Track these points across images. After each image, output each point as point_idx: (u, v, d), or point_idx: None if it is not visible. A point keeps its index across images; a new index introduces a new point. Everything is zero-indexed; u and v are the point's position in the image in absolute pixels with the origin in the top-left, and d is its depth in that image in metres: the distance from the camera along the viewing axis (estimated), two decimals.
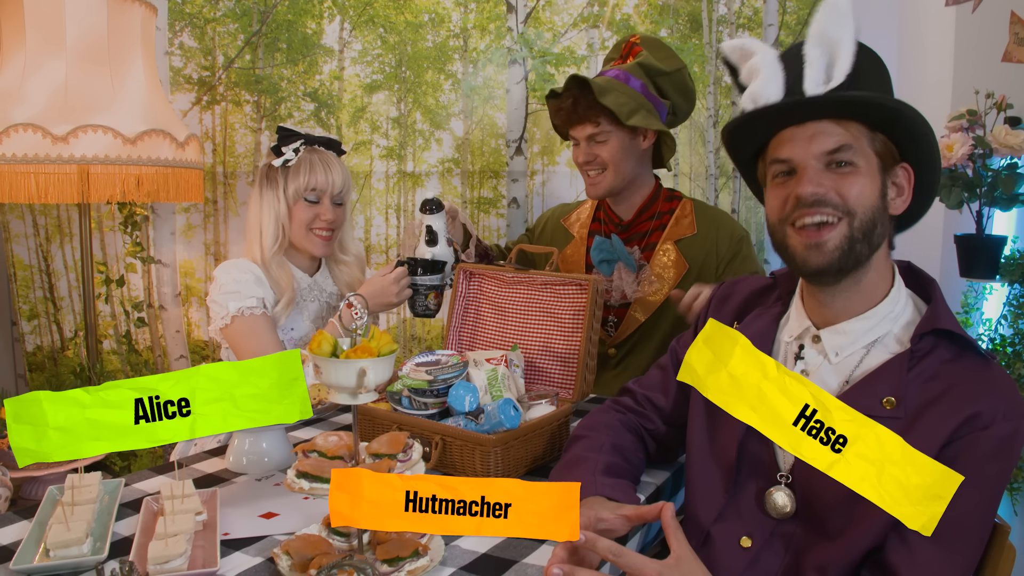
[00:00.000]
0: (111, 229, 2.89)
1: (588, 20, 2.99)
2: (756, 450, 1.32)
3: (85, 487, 1.33)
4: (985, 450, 1.12)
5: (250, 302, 1.96)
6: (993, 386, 1.16)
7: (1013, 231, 2.20)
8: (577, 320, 1.87)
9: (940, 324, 1.20)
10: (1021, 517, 2.16)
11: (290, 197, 2.05)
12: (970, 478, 1.09)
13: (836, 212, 1.21)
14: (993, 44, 2.28)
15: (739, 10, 2.97)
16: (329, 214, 2.07)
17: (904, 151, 1.24)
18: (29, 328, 2.90)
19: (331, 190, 2.07)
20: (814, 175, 1.22)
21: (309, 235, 2.08)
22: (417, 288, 2.05)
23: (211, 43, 2.90)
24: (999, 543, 1.23)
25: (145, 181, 2.44)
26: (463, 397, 1.63)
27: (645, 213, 2.27)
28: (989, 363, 1.19)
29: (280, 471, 1.58)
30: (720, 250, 2.22)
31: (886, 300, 1.26)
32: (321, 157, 2.07)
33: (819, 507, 1.22)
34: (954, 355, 1.20)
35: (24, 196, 2.31)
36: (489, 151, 3.03)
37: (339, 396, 1.11)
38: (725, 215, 2.34)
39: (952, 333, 1.20)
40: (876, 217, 1.22)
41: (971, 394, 1.14)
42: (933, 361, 1.20)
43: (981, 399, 1.13)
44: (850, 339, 1.27)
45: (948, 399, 1.15)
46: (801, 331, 1.34)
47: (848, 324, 1.27)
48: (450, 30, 2.99)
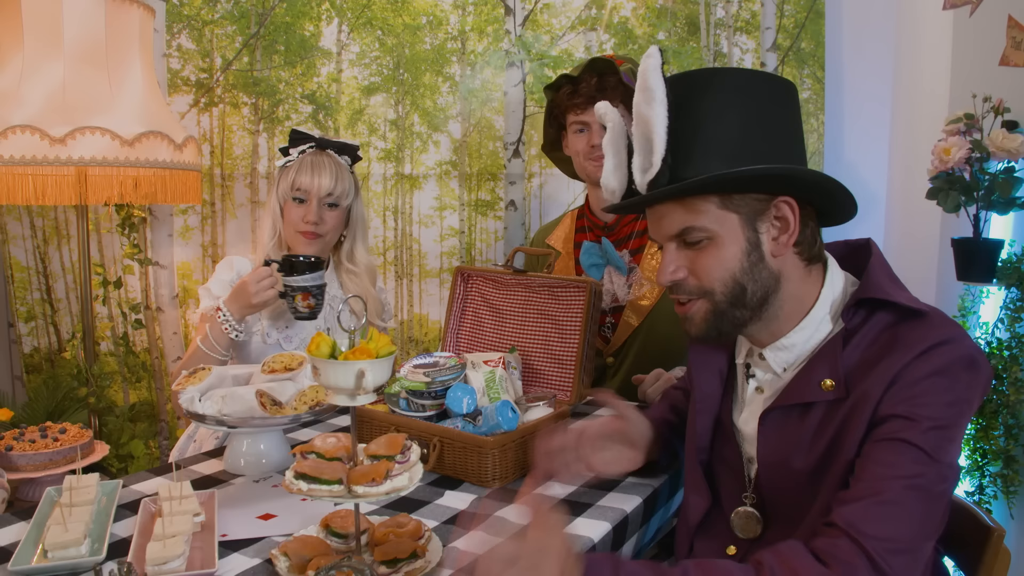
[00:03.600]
0: (108, 231, 2.89)
1: (586, 23, 3.00)
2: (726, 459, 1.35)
3: (83, 488, 1.33)
4: (918, 375, 1.09)
5: (216, 303, 2.02)
6: (928, 330, 1.12)
7: (1010, 235, 2.21)
8: (575, 322, 1.87)
9: (865, 293, 1.19)
10: (1018, 521, 2.16)
11: (281, 196, 2.11)
12: (903, 399, 1.08)
13: (692, 294, 1.22)
14: (990, 48, 2.28)
15: (736, 13, 2.98)
16: (313, 215, 2.07)
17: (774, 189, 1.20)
18: (26, 330, 2.89)
19: (317, 191, 2.07)
20: (672, 257, 1.22)
21: (296, 234, 2.11)
22: (285, 290, 1.96)
23: (209, 45, 2.90)
24: (994, 547, 1.23)
25: (143, 183, 2.44)
26: (461, 399, 1.63)
27: (628, 215, 2.27)
28: (924, 315, 1.15)
29: (278, 472, 1.58)
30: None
31: (818, 303, 1.24)
32: (316, 159, 2.08)
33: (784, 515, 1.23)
34: (887, 318, 1.17)
35: (22, 198, 2.31)
36: (487, 154, 3.03)
37: (337, 398, 1.11)
38: None
39: (883, 301, 1.17)
40: (742, 281, 1.19)
41: (905, 345, 1.12)
42: (868, 331, 1.18)
43: (915, 344, 1.11)
44: (794, 352, 1.25)
45: (884, 357, 1.12)
46: (747, 351, 1.34)
47: (786, 339, 1.25)
48: (448, 32, 2.99)
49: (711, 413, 1.37)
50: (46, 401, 2.63)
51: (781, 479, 1.22)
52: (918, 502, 1.06)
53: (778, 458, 1.22)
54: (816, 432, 1.18)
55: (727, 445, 1.35)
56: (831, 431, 1.16)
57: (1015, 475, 2.12)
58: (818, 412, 1.18)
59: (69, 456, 1.92)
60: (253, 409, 1.52)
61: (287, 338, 2.11)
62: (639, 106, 1.19)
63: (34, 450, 1.86)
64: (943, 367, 1.10)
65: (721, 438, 1.37)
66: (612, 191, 1.29)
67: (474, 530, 1.29)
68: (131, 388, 2.93)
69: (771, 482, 1.24)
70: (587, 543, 1.28)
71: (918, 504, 1.06)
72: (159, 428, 2.94)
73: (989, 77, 2.28)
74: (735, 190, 1.17)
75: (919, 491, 1.06)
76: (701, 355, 1.40)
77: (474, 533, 1.29)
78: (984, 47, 2.33)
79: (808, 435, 1.19)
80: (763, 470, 1.25)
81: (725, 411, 1.36)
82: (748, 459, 1.32)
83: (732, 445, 1.34)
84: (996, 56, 2.26)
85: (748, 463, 1.32)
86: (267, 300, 1.94)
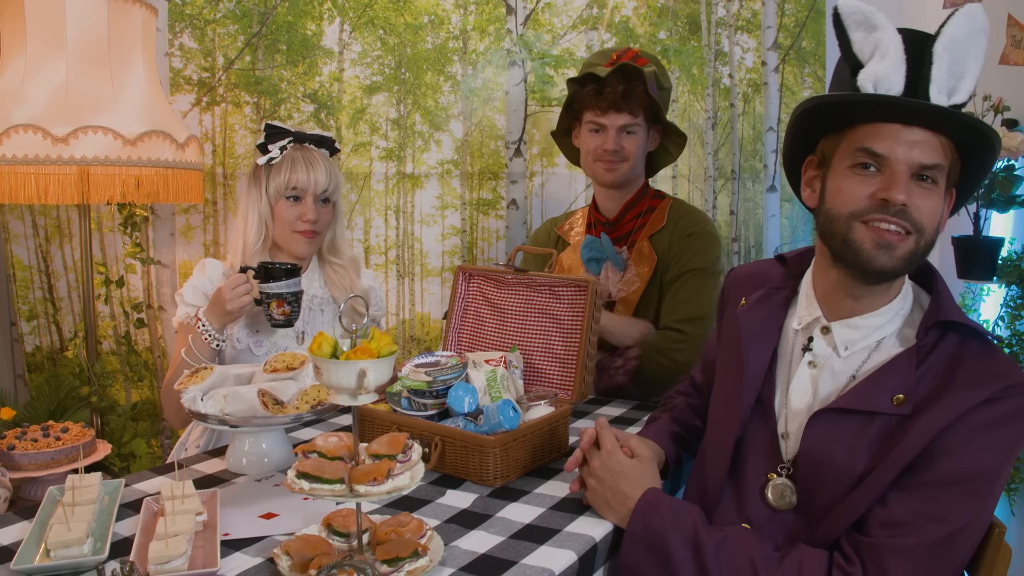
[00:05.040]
0: (111, 230, 2.90)
1: (587, 22, 3.00)
2: (759, 434, 1.34)
3: (85, 487, 1.34)
4: (982, 421, 1.12)
5: (190, 309, 2.00)
6: (997, 371, 1.16)
7: (1010, 233, 2.21)
8: (576, 321, 1.87)
9: (944, 316, 1.21)
10: (1019, 518, 2.16)
11: (272, 195, 2.04)
12: (962, 444, 1.11)
13: (912, 227, 1.19)
14: (990, 47, 2.28)
15: (738, 12, 2.98)
16: (311, 213, 2.03)
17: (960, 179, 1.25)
18: (28, 329, 2.90)
19: (313, 188, 2.03)
20: (905, 184, 1.17)
21: (292, 234, 2.05)
22: (261, 297, 1.93)
23: (211, 44, 2.91)
24: (995, 543, 1.23)
25: (145, 182, 2.44)
26: (462, 398, 1.63)
27: (630, 212, 2.29)
28: (993, 348, 1.19)
29: (280, 472, 1.58)
30: (673, 240, 2.22)
31: (899, 296, 1.27)
32: (306, 155, 2.04)
33: (821, 498, 1.23)
34: (958, 345, 1.20)
35: (24, 197, 2.31)
36: (488, 153, 3.03)
37: (339, 397, 1.11)
38: (694, 213, 2.30)
39: (957, 323, 1.20)
40: (936, 236, 1.23)
41: (974, 382, 1.14)
42: (940, 354, 1.20)
43: (983, 385, 1.13)
44: (862, 334, 1.26)
45: (952, 389, 1.15)
46: (810, 320, 1.33)
47: (862, 319, 1.27)
48: (450, 32, 2.99)
49: (756, 389, 1.35)
50: (48, 400, 2.63)
51: (821, 472, 1.23)
52: (947, 553, 1.11)
53: (825, 458, 1.22)
54: (873, 441, 1.19)
55: (760, 420, 1.35)
56: (888, 444, 1.17)
57: (1015, 472, 2.13)
58: (881, 423, 1.19)
59: (71, 455, 1.92)
60: (255, 408, 1.53)
61: (257, 342, 2.06)
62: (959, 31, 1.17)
63: (36, 449, 1.87)
64: (1007, 415, 1.13)
65: (758, 413, 1.36)
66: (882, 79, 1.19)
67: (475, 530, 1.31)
68: (133, 387, 2.93)
69: (809, 471, 1.25)
70: (589, 542, 1.28)
71: (945, 556, 1.11)
72: (161, 427, 2.95)
73: (989, 76, 2.28)
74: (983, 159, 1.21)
75: (953, 541, 1.11)
76: (755, 328, 1.38)
77: (475, 532, 1.30)
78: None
79: (864, 443, 1.19)
80: (803, 463, 1.25)
81: (767, 387, 1.36)
82: (783, 434, 1.32)
83: (767, 420, 1.34)
84: (996, 55, 2.27)
85: (783, 439, 1.31)
86: (242, 307, 1.90)
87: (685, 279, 2.18)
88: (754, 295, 1.44)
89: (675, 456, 1.57)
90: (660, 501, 1.29)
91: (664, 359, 2.09)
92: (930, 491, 1.12)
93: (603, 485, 1.36)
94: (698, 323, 2.13)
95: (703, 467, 1.43)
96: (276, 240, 2.09)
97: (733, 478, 1.35)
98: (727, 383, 1.42)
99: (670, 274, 2.20)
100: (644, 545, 1.26)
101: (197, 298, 2.01)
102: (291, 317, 1.94)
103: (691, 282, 2.17)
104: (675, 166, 3.03)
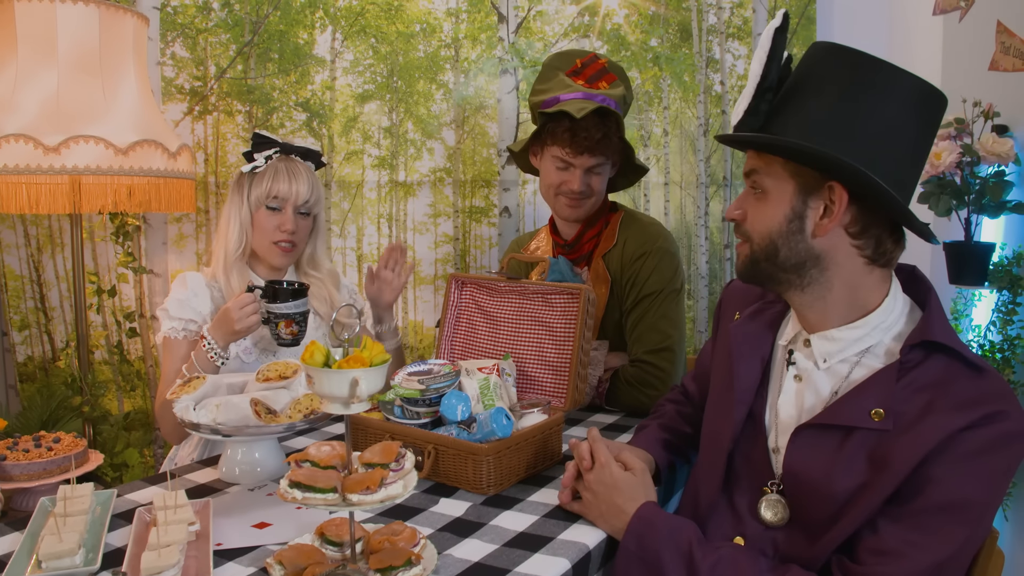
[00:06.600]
0: (103, 239, 2.89)
1: (579, 30, 3.01)
2: (751, 449, 1.34)
3: (77, 498, 1.33)
4: (969, 449, 1.11)
5: (176, 324, 1.99)
6: (983, 394, 1.15)
7: (1001, 238, 2.22)
8: (569, 329, 1.87)
9: (930, 336, 1.19)
10: (1012, 523, 2.17)
11: (252, 204, 2.04)
12: (950, 472, 1.11)
13: (741, 235, 1.31)
14: (980, 53, 2.30)
15: (728, 20, 2.99)
16: (290, 224, 2.02)
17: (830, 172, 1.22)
18: (20, 338, 2.89)
19: (294, 199, 2.02)
20: (741, 198, 1.32)
21: (270, 245, 2.04)
22: (268, 316, 1.92)
23: (203, 53, 2.91)
24: (988, 548, 1.24)
25: (137, 191, 2.44)
26: (455, 406, 1.63)
27: (588, 232, 2.26)
28: (982, 371, 1.18)
29: (273, 481, 1.58)
30: (624, 263, 2.19)
31: (879, 309, 1.25)
32: (289, 166, 2.04)
33: (811, 514, 1.23)
34: (945, 366, 1.19)
35: (15, 206, 2.30)
36: (481, 160, 3.04)
37: (332, 406, 1.11)
38: (644, 229, 2.23)
39: (943, 345, 1.19)
40: (776, 242, 1.25)
41: (959, 404, 1.14)
42: (924, 372, 1.19)
43: (969, 408, 1.13)
44: (839, 346, 1.27)
45: (936, 410, 1.14)
46: (794, 335, 1.35)
47: (838, 331, 1.27)
48: (441, 40, 3.00)
49: (747, 404, 1.36)
50: (40, 410, 2.62)
51: (806, 487, 1.23)
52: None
53: (807, 473, 1.23)
54: (853, 458, 1.19)
55: (752, 435, 1.35)
56: (873, 461, 1.17)
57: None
58: (861, 438, 1.19)
59: (63, 466, 1.91)
60: (248, 418, 1.52)
61: (246, 350, 2.05)
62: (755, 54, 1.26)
63: (28, 459, 1.86)
64: (996, 440, 1.12)
65: (749, 428, 1.36)
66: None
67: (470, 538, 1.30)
68: (125, 397, 2.92)
69: (794, 486, 1.25)
70: (584, 549, 1.28)
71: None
72: (154, 437, 2.94)
73: (979, 82, 2.30)
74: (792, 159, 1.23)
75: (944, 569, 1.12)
76: (745, 343, 1.40)
77: (469, 540, 1.30)
78: (974, 52, 2.35)
79: (844, 459, 1.19)
80: (787, 479, 1.26)
81: (759, 401, 1.36)
82: (774, 449, 1.32)
83: (758, 435, 1.34)
84: (986, 61, 2.28)
85: (774, 453, 1.32)
86: (250, 326, 1.89)
87: (645, 306, 2.14)
88: (748, 310, 1.46)
89: (667, 463, 1.57)
90: (655, 518, 1.30)
91: (639, 394, 2.07)
92: (920, 520, 1.12)
93: (598, 498, 1.37)
94: (668, 353, 2.10)
95: (697, 481, 1.43)
96: (254, 249, 2.08)
97: (727, 493, 1.36)
98: (720, 397, 1.43)
99: (628, 300, 2.17)
100: (638, 562, 1.27)
101: (184, 311, 2.00)
102: (298, 337, 1.94)
103: (653, 308, 2.13)
104: (667, 172, 3.04)
